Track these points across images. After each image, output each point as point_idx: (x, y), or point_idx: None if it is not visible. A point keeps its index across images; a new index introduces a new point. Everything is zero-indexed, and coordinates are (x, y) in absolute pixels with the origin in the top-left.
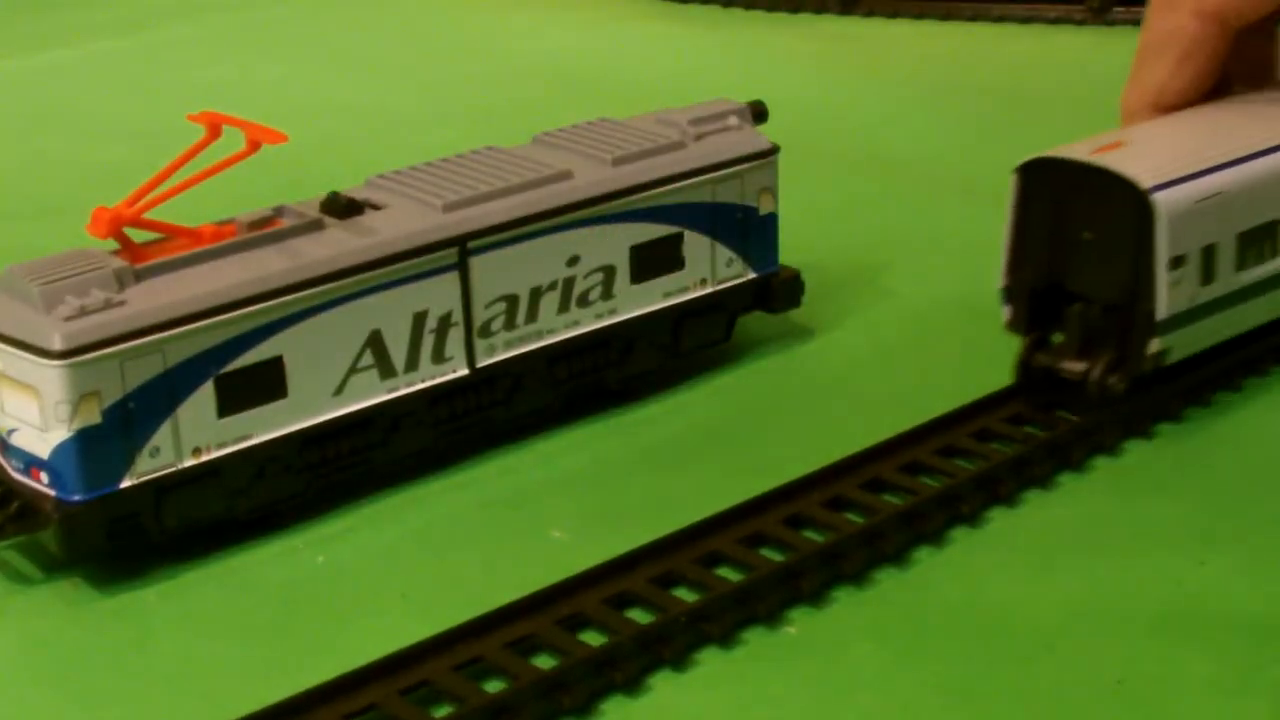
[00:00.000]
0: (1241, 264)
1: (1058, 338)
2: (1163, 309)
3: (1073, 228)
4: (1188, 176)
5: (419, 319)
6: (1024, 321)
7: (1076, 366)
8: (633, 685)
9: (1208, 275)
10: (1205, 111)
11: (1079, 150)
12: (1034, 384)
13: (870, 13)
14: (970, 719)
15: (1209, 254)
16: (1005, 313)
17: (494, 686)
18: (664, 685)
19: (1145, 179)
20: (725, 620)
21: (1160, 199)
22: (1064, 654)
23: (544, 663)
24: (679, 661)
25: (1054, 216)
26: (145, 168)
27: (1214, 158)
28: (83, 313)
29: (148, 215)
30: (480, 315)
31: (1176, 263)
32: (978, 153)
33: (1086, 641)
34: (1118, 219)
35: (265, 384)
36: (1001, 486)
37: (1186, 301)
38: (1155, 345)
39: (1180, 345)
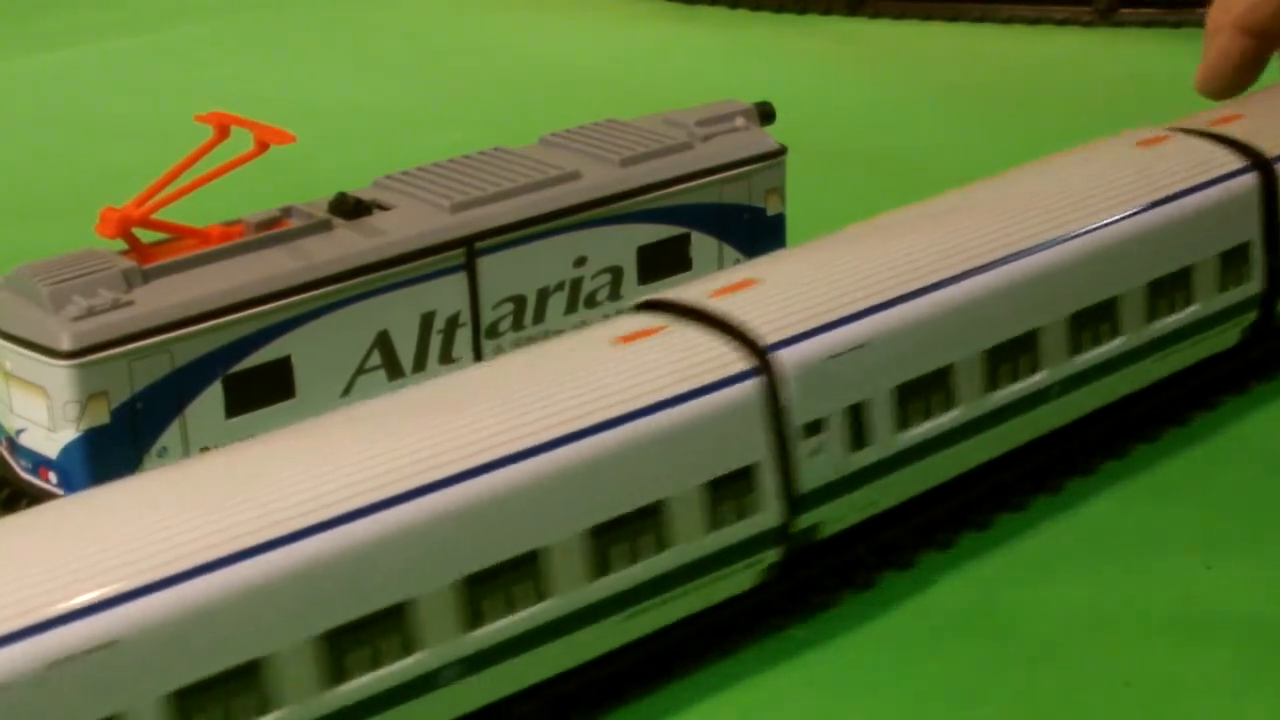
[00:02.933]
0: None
1: None
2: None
3: None
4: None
5: (427, 319)
6: None
7: None
8: (642, 690)
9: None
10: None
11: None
12: None
13: (877, 14)
14: None
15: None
16: None
17: None
18: (671, 689)
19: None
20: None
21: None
22: (1071, 657)
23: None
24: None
25: None
26: (153, 168)
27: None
28: (91, 313)
29: (156, 216)
30: (488, 316)
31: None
32: (985, 153)
33: (1094, 644)
34: None
35: (273, 384)
36: (1010, 492)
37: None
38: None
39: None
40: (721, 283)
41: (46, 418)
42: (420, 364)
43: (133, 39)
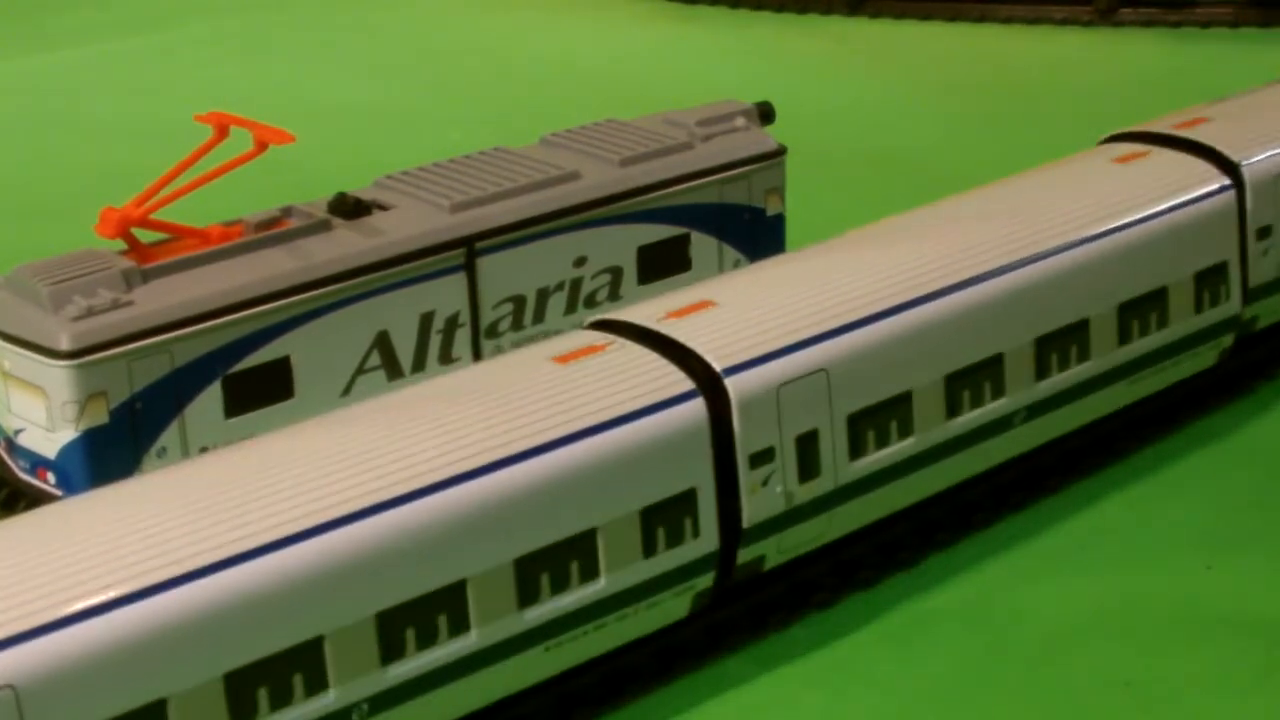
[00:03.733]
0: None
1: None
2: None
3: None
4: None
5: (426, 319)
6: None
7: None
8: (642, 690)
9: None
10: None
11: None
12: None
13: (877, 14)
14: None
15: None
16: None
17: None
18: (671, 689)
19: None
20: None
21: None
22: (1072, 656)
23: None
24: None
25: None
26: (153, 168)
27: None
28: (90, 313)
29: (155, 216)
30: (487, 316)
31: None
32: (985, 153)
33: (1095, 644)
34: None
35: (272, 384)
36: (1012, 493)
37: None
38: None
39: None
40: None
41: (45, 418)
42: (420, 364)
43: (133, 39)
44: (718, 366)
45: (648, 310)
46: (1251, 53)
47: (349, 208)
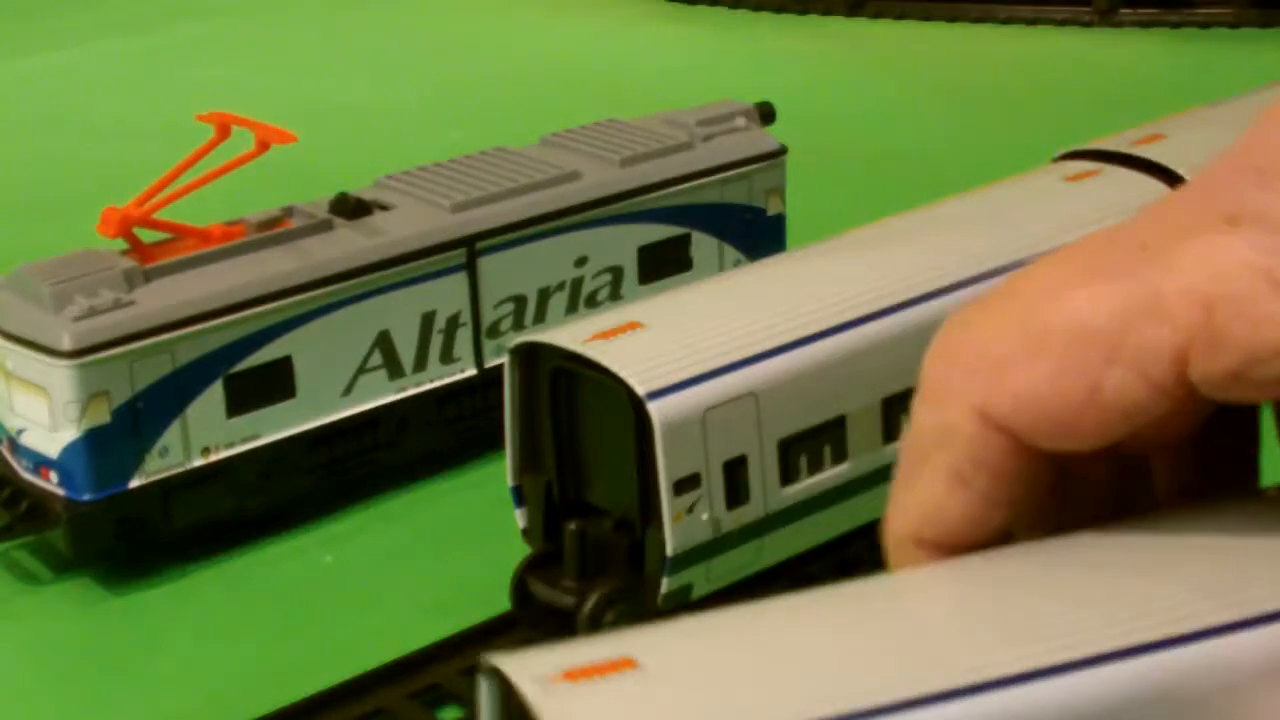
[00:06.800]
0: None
1: None
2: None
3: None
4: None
5: (427, 319)
6: (540, 534)
7: (566, 598)
8: None
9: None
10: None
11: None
12: (533, 611)
13: (877, 14)
14: None
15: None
16: (519, 519)
17: None
18: None
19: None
20: None
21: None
22: None
23: None
24: None
25: (557, 410)
26: (154, 168)
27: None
28: (92, 313)
29: (157, 215)
30: (488, 316)
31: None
32: (985, 154)
33: None
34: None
35: (274, 384)
36: None
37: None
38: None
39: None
40: None
41: (47, 417)
42: (421, 364)
43: (133, 39)
44: (641, 391)
45: (573, 332)
46: (1251, 53)
47: (350, 208)
